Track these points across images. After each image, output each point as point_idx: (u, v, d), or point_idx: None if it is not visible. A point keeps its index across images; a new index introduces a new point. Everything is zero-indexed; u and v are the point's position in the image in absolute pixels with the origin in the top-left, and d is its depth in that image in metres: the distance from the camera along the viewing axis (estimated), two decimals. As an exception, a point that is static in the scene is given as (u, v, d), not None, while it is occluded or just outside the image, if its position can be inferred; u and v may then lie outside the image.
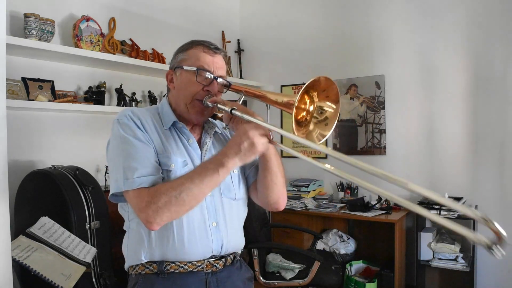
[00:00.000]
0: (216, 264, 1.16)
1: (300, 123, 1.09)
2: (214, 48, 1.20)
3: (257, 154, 1.03)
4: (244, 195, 1.27)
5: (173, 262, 1.12)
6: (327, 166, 0.93)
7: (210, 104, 1.16)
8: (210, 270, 1.15)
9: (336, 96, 1.09)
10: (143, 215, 1.04)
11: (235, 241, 1.22)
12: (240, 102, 1.20)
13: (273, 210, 1.28)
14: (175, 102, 1.22)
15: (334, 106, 1.10)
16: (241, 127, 1.03)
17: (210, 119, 1.26)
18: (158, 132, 1.16)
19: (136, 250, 1.14)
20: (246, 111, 1.11)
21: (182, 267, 1.12)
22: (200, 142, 1.22)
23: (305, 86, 1.02)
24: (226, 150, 1.03)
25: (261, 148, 1.01)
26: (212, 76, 1.17)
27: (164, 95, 1.32)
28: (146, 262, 1.13)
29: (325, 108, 1.10)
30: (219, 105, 1.14)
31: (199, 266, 1.14)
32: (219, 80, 1.19)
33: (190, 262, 1.13)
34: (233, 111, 1.09)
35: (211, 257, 1.16)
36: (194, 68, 1.16)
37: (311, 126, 1.10)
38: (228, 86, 1.22)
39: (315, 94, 1.09)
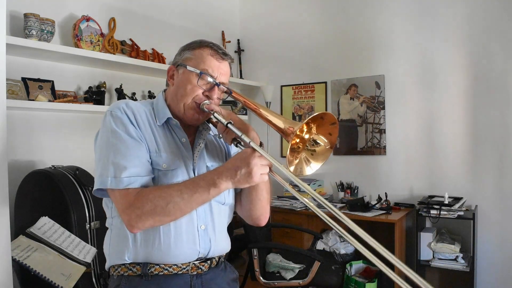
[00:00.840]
0: (201, 267, 1.14)
1: (293, 149, 1.07)
2: (222, 53, 1.16)
3: (251, 184, 1.01)
4: (232, 200, 1.25)
5: (157, 264, 1.09)
6: (306, 200, 1.02)
7: (206, 110, 1.13)
8: (195, 273, 1.13)
9: (333, 141, 1.09)
10: (125, 217, 1.01)
11: (223, 245, 1.21)
12: (238, 109, 1.18)
13: (254, 225, 1.27)
14: (171, 99, 1.18)
15: (326, 142, 1.09)
16: (244, 152, 1.01)
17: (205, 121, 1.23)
18: (151, 128, 1.13)
19: (119, 250, 1.10)
20: (242, 124, 1.09)
21: (166, 269, 1.09)
22: (192, 143, 1.19)
23: (310, 117, 1.01)
24: (222, 170, 1.01)
25: (258, 180, 0.99)
26: (214, 81, 1.14)
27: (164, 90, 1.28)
28: (129, 264, 1.10)
29: (318, 142, 1.09)
30: (215, 114, 1.11)
31: (184, 268, 1.11)
32: (221, 86, 1.16)
33: (175, 264, 1.10)
34: (229, 125, 1.07)
35: (197, 259, 1.14)
36: (198, 71, 1.12)
37: (301, 151, 1.09)
38: (228, 94, 1.20)
39: (314, 125, 1.07)
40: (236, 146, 1.10)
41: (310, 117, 1.01)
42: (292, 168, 1.04)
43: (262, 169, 0.99)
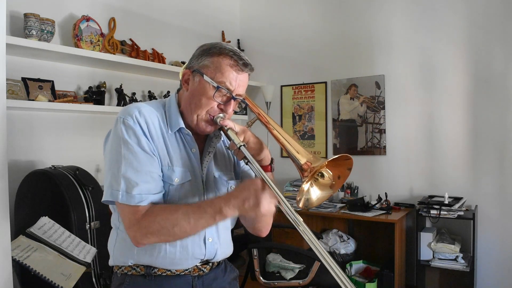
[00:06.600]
0: (203, 269, 1.16)
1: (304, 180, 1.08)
2: (242, 64, 1.08)
3: (258, 215, 1.00)
4: None
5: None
6: (302, 230, 0.98)
7: (220, 124, 1.10)
8: (196, 274, 1.15)
9: (338, 185, 1.12)
10: (131, 233, 1.02)
11: (226, 251, 1.23)
12: (253, 122, 1.19)
13: (255, 235, 1.27)
14: (185, 107, 1.14)
15: (332, 178, 1.11)
16: (255, 183, 0.99)
17: None
18: (163, 138, 1.10)
19: (124, 254, 1.12)
20: (256, 143, 1.09)
21: (169, 270, 1.12)
22: (201, 151, 1.17)
23: (334, 157, 1.05)
24: (229, 198, 1.00)
25: (265, 212, 0.97)
26: (231, 95, 1.09)
27: (177, 90, 1.25)
28: (133, 264, 1.12)
29: (325, 176, 1.11)
30: (229, 132, 1.08)
31: (187, 270, 1.13)
32: (237, 99, 1.12)
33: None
34: (241, 148, 1.05)
35: (199, 262, 1.16)
36: (215, 84, 1.06)
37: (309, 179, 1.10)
38: (244, 105, 1.21)
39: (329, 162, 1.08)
40: (246, 164, 1.08)
41: (333, 157, 1.04)
42: (301, 204, 1.07)
43: (270, 203, 0.98)
